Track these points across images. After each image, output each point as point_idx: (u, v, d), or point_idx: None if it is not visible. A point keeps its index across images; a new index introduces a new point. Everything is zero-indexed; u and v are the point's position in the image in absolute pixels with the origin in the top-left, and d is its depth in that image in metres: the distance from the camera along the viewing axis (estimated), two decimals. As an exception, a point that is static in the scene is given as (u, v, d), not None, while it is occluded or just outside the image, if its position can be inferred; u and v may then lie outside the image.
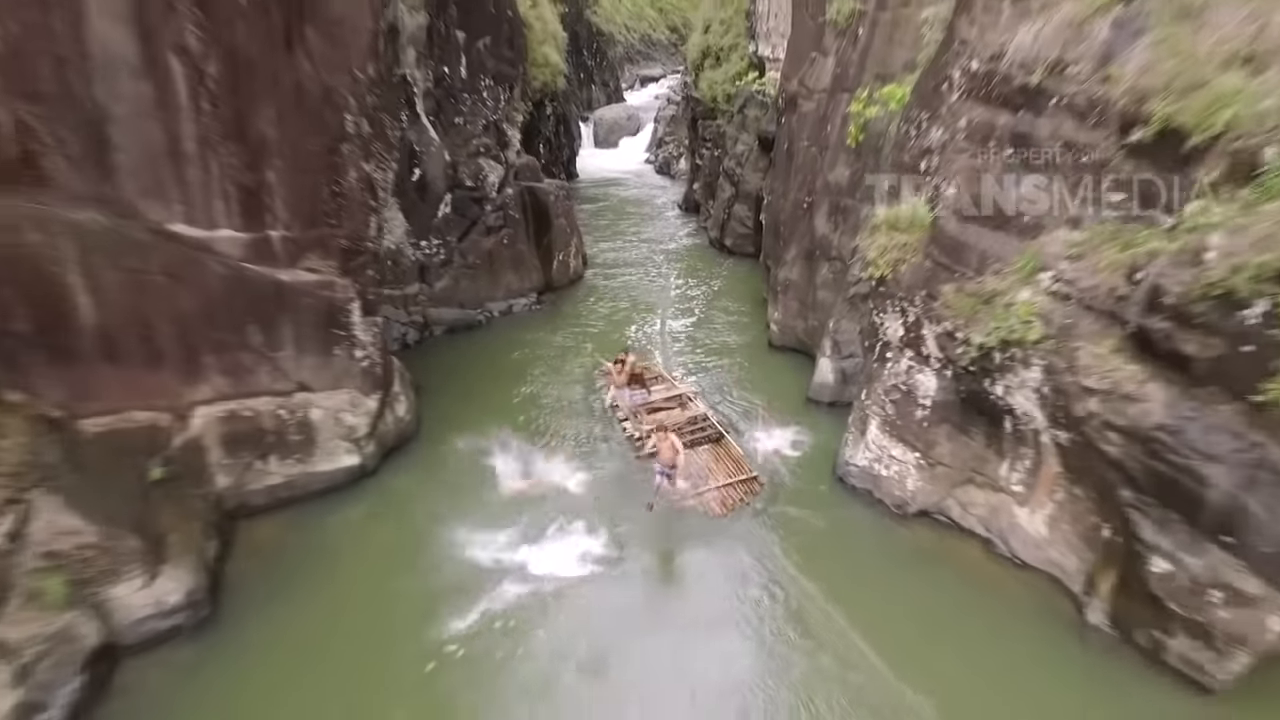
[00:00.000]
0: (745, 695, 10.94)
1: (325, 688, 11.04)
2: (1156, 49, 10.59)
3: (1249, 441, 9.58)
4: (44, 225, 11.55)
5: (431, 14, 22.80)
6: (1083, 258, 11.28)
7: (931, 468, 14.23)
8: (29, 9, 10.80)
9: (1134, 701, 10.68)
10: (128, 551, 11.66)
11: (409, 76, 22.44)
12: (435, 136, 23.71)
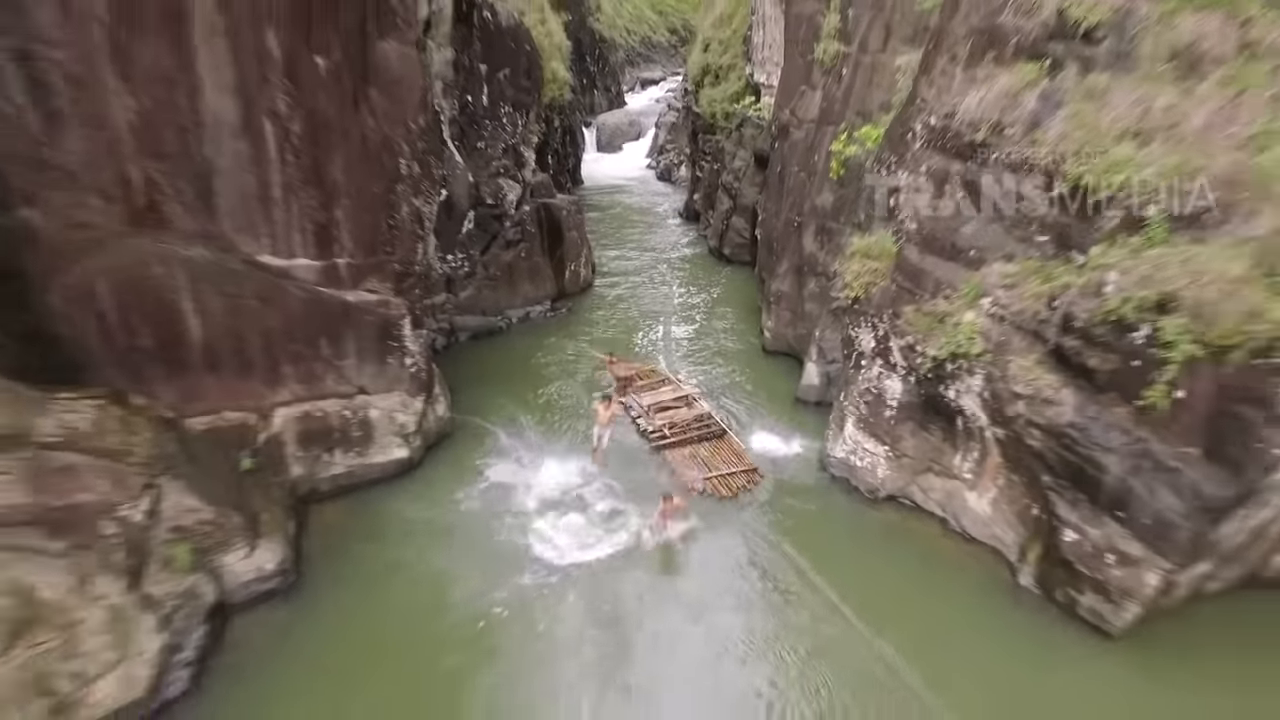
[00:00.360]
0: (740, 643, 13.58)
1: (394, 642, 13.64)
2: (1070, 120, 13.20)
3: (1135, 437, 12.23)
4: (165, 260, 14.15)
5: (457, 49, 25.37)
6: (1014, 287, 13.90)
7: (898, 459, 16.89)
8: (158, 86, 13.37)
9: (1053, 646, 13.33)
10: (234, 527, 14.28)
11: (437, 106, 24.99)
12: (460, 160, 26.24)
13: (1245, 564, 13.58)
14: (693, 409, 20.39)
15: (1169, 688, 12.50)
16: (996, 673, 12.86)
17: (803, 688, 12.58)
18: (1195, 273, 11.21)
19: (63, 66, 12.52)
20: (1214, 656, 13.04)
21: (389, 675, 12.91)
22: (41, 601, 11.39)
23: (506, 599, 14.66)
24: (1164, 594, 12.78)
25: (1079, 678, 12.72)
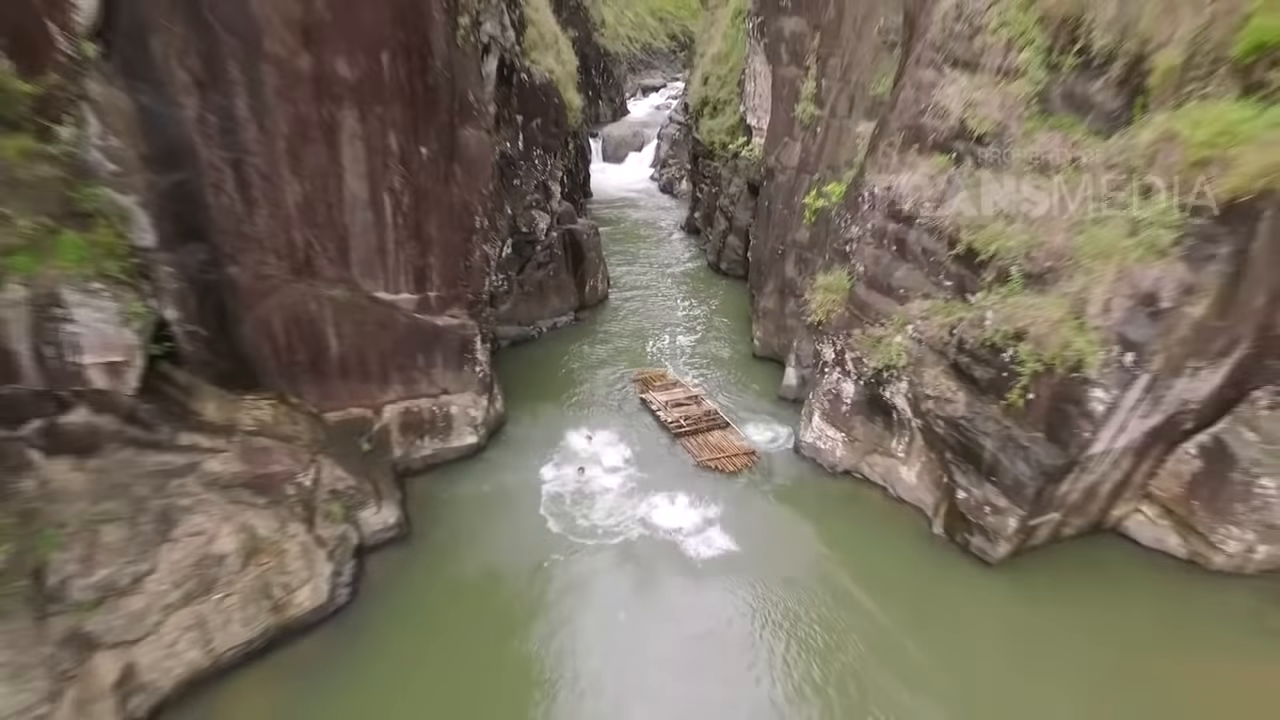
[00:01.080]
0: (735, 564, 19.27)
1: (476, 573, 19.25)
2: (965, 200, 18.82)
3: (1003, 425, 17.92)
4: (316, 299, 19.78)
5: (499, 104, 30.84)
6: (928, 318, 19.55)
7: (852, 443, 22.58)
8: (316, 177, 18.93)
9: (953, 571, 19.04)
10: (367, 492, 19.95)
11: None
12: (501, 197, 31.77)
13: (1088, 516, 19.33)
14: (701, 406, 25.99)
15: (1029, 599, 18.22)
16: (916, 588, 18.58)
17: (782, 591, 18.28)
18: (1036, 315, 16.87)
19: (258, 168, 18.11)
20: (1063, 579, 18.75)
21: (475, 595, 18.60)
22: (260, 537, 17.07)
23: (558, 545, 20.31)
24: (1025, 535, 18.53)
25: (969, 592, 18.45)
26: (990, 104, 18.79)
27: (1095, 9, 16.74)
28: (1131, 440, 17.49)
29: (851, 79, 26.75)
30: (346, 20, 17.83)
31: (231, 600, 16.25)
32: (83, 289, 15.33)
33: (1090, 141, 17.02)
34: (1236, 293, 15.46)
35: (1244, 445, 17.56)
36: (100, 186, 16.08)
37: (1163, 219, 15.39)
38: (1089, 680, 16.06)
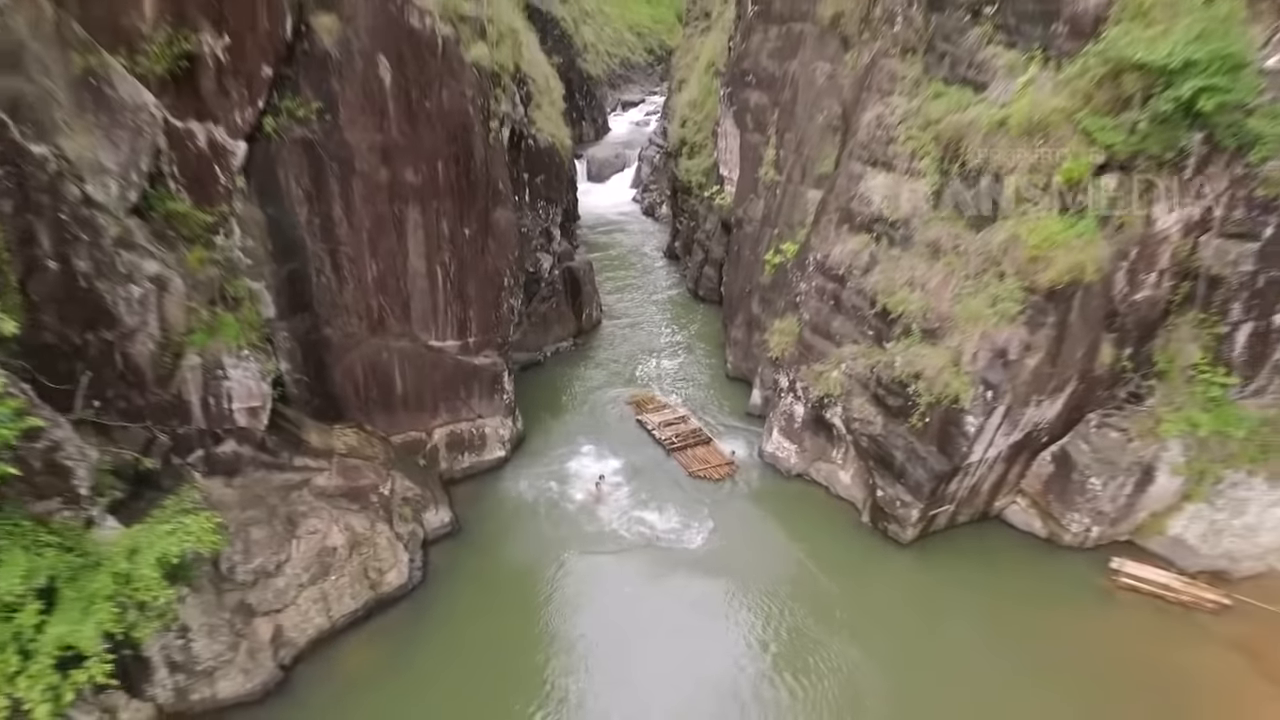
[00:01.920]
0: (717, 551, 25.62)
1: (515, 564, 25.40)
2: (881, 271, 25.25)
3: (908, 441, 24.41)
4: (387, 349, 25.83)
5: (509, 165, 36.80)
6: (857, 359, 25.98)
7: (802, 452, 29.03)
8: (388, 257, 24.94)
9: (875, 551, 25.53)
10: (427, 498, 26.05)
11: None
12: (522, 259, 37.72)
13: (975, 507, 25.94)
14: (688, 424, 32.21)
15: (930, 569, 24.74)
16: (848, 562, 25.07)
17: (753, 567, 24.65)
18: (929, 362, 23.34)
19: (348, 254, 24.13)
20: (957, 554, 25.30)
21: (515, 576, 24.77)
22: (358, 533, 23.13)
23: (577, 538, 26.53)
24: (927, 523, 25.10)
25: (886, 565, 24.96)
26: (900, 198, 25.23)
27: (969, 138, 23.17)
28: (999, 451, 24.06)
29: (804, 152, 33.08)
30: (413, 142, 23.88)
31: (343, 580, 22.33)
32: (236, 355, 21.30)
33: (967, 234, 23.49)
34: (1061, 349, 22.04)
35: (1081, 454, 24.21)
36: (242, 278, 22.02)
37: (1011, 295, 21.89)
38: (972, 624, 22.63)
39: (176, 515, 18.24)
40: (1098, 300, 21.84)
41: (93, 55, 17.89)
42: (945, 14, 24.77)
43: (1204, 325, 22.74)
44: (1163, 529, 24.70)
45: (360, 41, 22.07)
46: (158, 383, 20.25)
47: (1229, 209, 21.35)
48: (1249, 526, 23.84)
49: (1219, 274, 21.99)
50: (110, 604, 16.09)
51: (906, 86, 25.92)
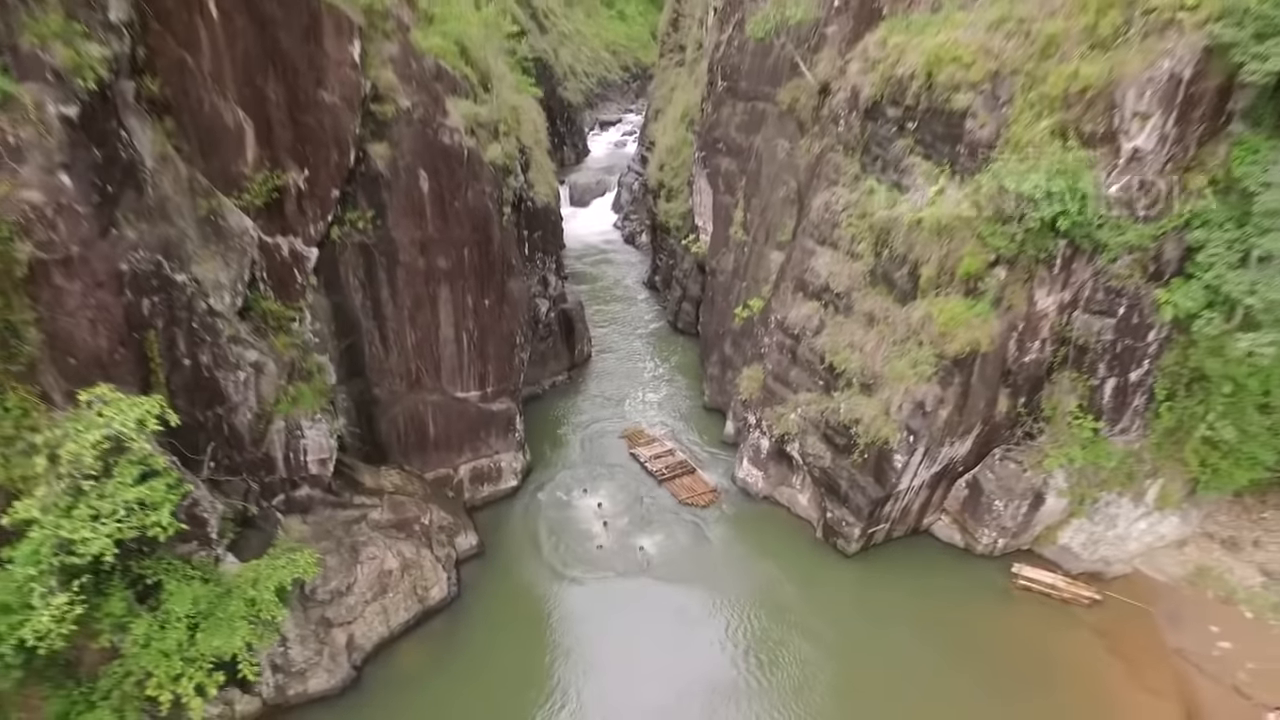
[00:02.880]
0: (701, 564, 31.52)
1: (532, 579, 31.12)
2: (829, 335, 31.26)
3: (851, 472, 30.46)
4: (423, 402, 31.46)
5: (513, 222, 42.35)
6: (810, 405, 31.99)
7: (768, 479, 35.04)
8: (424, 328, 30.49)
9: (825, 560, 31.60)
10: (458, 525, 31.64)
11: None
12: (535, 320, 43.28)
13: (908, 524, 32.12)
14: (675, 456, 38.01)
15: (870, 574, 30.86)
16: (804, 570, 31.11)
17: (728, 577, 30.58)
18: (866, 410, 29.38)
19: (393, 328, 29.67)
20: (892, 562, 31.42)
21: (532, 590, 30.48)
22: (408, 558, 28.72)
23: (583, 557, 32.29)
24: (867, 539, 31.23)
25: (835, 573, 31.04)
26: (842, 274, 31.24)
27: (895, 231, 29.21)
28: (923, 480, 30.21)
29: (767, 218, 39.02)
30: (445, 235, 29.49)
31: (397, 596, 27.92)
32: (310, 418, 26.79)
33: (894, 308, 29.54)
34: (967, 402, 28.22)
35: (988, 481, 30.44)
36: (313, 354, 27.49)
37: (927, 360, 27.96)
38: (904, 620, 28.75)
39: (286, 552, 23.75)
40: (994, 364, 28.04)
41: (212, 198, 23.29)
42: (878, 123, 30.75)
43: (1078, 381, 28.97)
44: (1054, 539, 31.04)
45: (405, 160, 27.62)
46: (253, 444, 25.69)
47: (1092, 293, 27.59)
48: (1119, 537, 30.26)
49: (1086, 342, 28.22)
50: (245, 623, 21.60)
51: (848, 180, 31.95)
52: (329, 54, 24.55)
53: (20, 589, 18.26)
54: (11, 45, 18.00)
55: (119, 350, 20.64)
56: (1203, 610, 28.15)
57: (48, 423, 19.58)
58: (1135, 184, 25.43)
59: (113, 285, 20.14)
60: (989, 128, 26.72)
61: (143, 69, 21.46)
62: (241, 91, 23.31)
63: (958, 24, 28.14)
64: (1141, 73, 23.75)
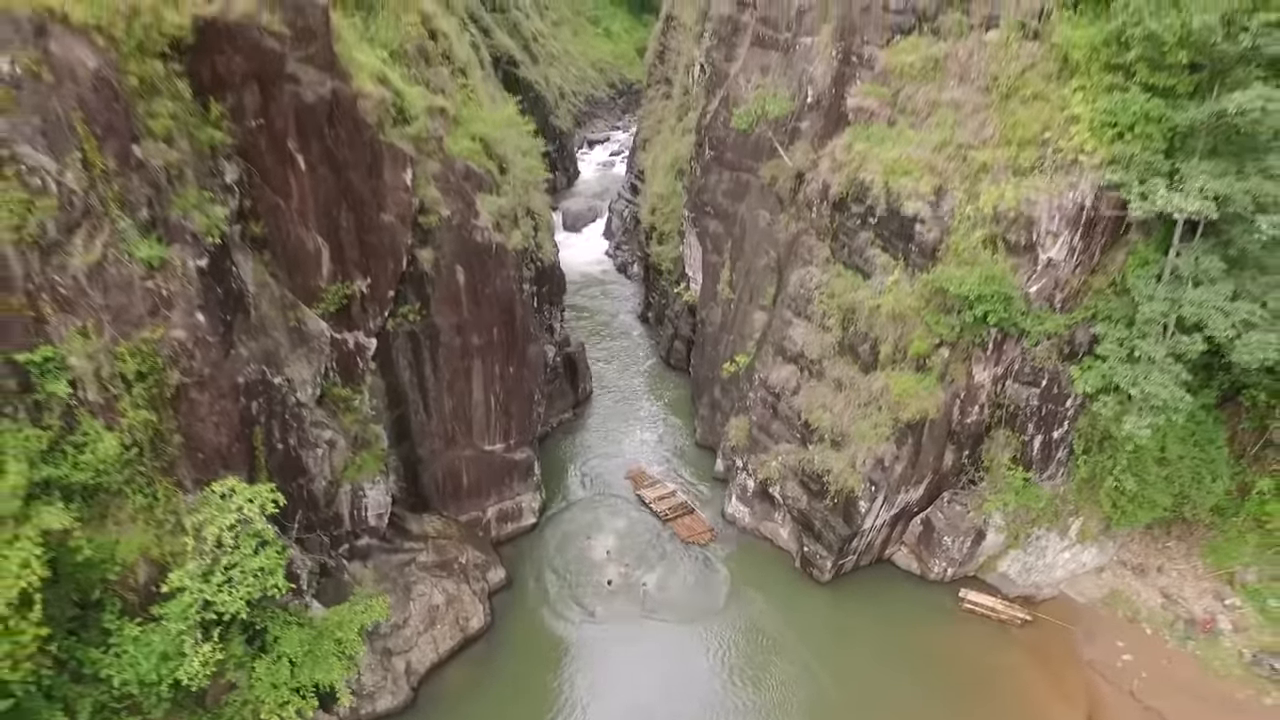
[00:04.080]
0: (698, 591, 37.30)
1: (553, 609, 36.74)
2: (804, 395, 37.05)
3: (823, 513, 36.33)
4: (458, 456, 37.04)
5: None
6: (789, 455, 37.78)
7: (754, 514, 40.89)
8: (459, 396, 35.97)
9: (802, 587, 37.50)
10: (489, 562, 37.23)
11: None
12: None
13: (873, 554, 38.11)
14: (676, 498, 43.62)
15: (840, 598, 36.79)
16: (784, 595, 36.99)
17: (720, 600, 36.37)
18: (835, 463, 35.20)
19: (434, 398, 35.13)
20: (859, 587, 37.36)
21: (554, 619, 36.12)
22: (451, 594, 34.28)
23: (592, 592, 37.95)
24: (838, 569, 37.16)
25: (810, 597, 36.94)
26: (815, 343, 37.02)
27: (859, 311, 34.96)
28: (884, 521, 36.13)
29: (751, 280, 44.69)
30: (478, 317, 34.96)
31: (444, 627, 33.49)
32: (371, 480, 32.23)
33: (859, 376, 35.35)
34: (919, 458, 34.15)
35: (938, 520, 36.44)
36: (371, 425, 32.89)
37: (885, 423, 33.82)
38: (866, 639, 34.70)
39: (363, 599, 29.24)
40: (941, 426, 33.98)
41: (297, 309, 28.62)
42: (845, 215, 36.49)
43: (1012, 437, 34.92)
44: (994, 567, 37.15)
45: (445, 259, 33.05)
46: (325, 505, 31.11)
47: (1020, 367, 33.56)
48: (1048, 565, 36.41)
49: (1017, 406, 34.18)
50: (338, 659, 27.10)
51: (820, 261, 37.70)
52: (388, 182, 29.91)
53: (175, 640, 23.66)
54: (164, 218, 23.22)
55: (235, 444, 25.98)
56: (1112, 628, 34.33)
57: (186, 507, 24.95)
58: (1051, 284, 31.42)
59: (232, 395, 25.47)
60: (934, 233, 32.56)
61: (246, 215, 26.73)
62: (320, 222, 28.62)
63: (909, 141, 33.90)
64: (1053, 200, 29.69)
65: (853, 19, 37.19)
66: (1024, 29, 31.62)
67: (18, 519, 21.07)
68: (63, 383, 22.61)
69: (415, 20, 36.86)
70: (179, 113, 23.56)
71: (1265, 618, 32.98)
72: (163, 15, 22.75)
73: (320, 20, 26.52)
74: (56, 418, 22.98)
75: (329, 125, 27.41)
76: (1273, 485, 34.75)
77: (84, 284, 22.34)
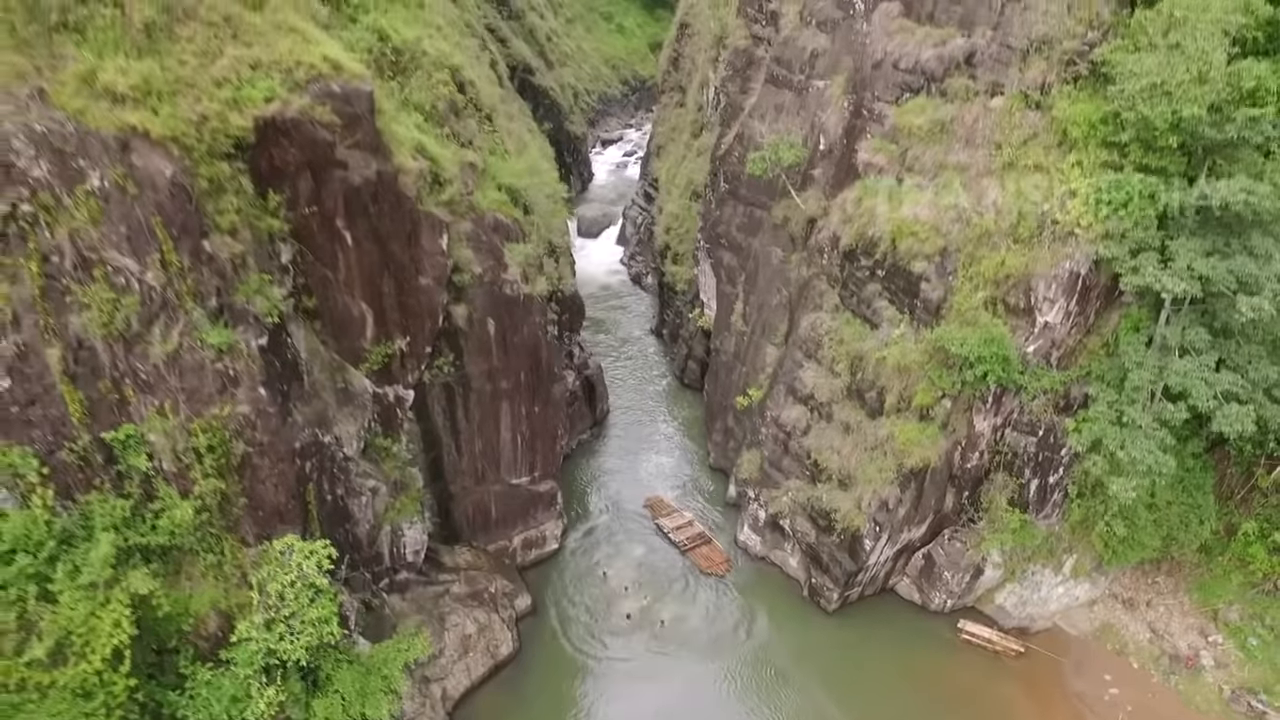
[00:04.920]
0: (712, 616, 39.93)
1: (572, 635, 39.43)
2: (814, 436, 39.36)
3: (830, 548, 38.78)
4: (487, 491, 39.62)
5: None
6: (800, 491, 40.18)
7: (764, 542, 43.39)
8: (488, 435, 38.44)
9: (810, 614, 40.07)
10: (516, 589, 39.90)
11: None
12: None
13: (877, 585, 40.58)
14: (694, 528, 45.99)
15: (847, 626, 39.34)
16: (793, 622, 39.58)
17: (731, 625, 39.00)
18: (843, 503, 37.57)
19: (466, 438, 37.61)
20: (865, 615, 39.88)
21: (572, 644, 38.79)
22: (482, 623, 36.99)
23: (611, 621, 40.57)
24: (844, 599, 39.67)
25: (819, 626, 39.51)
26: (824, 386, 39.25)
27: (866, 360, 37.11)
28: (888, 556, 38.55)
29: (764, 316, 46.87)
30: (507, 364, 37.39)
31: (476, 655, 36.23)
32: (409, 521, 34.84)
33: (866, 421, 37.60)
34: (921, 501, 36.49)
35: (939, 556, 38.83)
36: (409, 468, 35.43)
37: (890, 467, 36.10)
38: (870, 670, 37.25)
39: (406, 637, 31.94)
40: (942, 472, 36.29)
41: (344, 371, 31.07)
42: (854, 265, 38.55)
43: (1010, 480, 37.18)
44: (992, 600, 39.59)
45: (477, 314, 35.40)
46: (368, 546, 33.75)
47: (1019, 417, 35.74)
48: (1042, 599, 38.82)
49: (1015, 452, 36.40)
50: (384, 694, 29.84)
51: (830, 308, 39.85)
52: (425, 248, 32.17)
53: (243, 683, 26.39)
54: (230, 304, 25.62)
55: (291, 502, 28.55)
56: (1101, 661, 36.77)
57: (249, 561, 27.59)
58: (1048, 344, 33.53)
59: (289, 458, 27.99)
60: (939, 291, 34.65)
61: (299, 290, 29.08)
62: (365, 289, 30.94)
63: (916, 200, 35.85)
64: (1050, 270, 31.73)
65: (865, 74, 39.07)
66: (1027, 100, 33.44)
67: (109, 584, 23.71)
68: (143, 456, 25.18)
69: (446, 78, 38.82)
70: (242, 206, 25.86)
71: (1245, 655, 35.35)
72: (229, 119, 24.93)
73: (366, 107, 28.63)
74: (136, 486, 25.57)
75: (373, 203, 29.62)
76: (1257, 528, 36.95)
77: (162, 369, 24.80)
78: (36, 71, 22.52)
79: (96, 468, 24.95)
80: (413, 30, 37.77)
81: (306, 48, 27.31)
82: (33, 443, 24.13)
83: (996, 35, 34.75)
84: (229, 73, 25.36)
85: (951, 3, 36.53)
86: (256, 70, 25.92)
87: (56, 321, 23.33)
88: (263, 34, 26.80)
